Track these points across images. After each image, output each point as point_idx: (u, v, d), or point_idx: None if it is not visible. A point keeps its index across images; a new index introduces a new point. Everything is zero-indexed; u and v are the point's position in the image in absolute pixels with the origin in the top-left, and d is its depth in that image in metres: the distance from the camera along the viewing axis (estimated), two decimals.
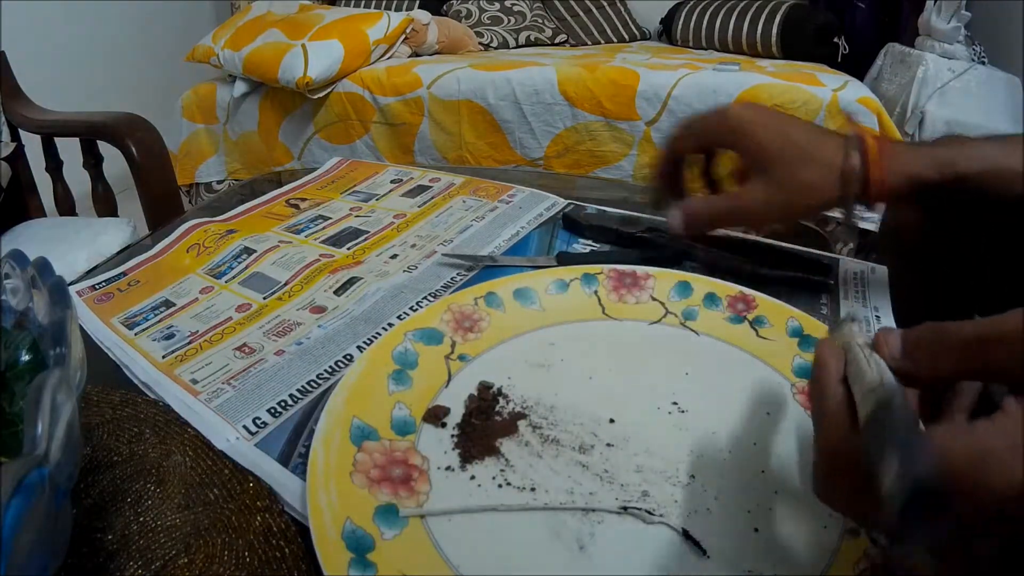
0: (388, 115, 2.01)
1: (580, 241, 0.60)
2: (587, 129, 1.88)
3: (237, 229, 0.64)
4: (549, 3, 2.80)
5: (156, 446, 0.38)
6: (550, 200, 0.68)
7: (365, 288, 0.53)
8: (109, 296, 0.55)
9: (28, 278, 0.31)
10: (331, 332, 0.48)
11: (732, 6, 2.49)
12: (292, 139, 2.14)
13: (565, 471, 0.35)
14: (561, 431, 0.37)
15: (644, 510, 0.32)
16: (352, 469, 0.34)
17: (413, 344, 0.43)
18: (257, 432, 0.39)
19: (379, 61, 2.15)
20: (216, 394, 0.42)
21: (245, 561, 0.31)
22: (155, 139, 1.31)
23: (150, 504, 0.34)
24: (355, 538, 0.30)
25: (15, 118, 1.40)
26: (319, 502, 0.32)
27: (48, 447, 0.22)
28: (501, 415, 0.39)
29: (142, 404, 0.41)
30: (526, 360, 0.43)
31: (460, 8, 2.69)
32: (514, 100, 1.90)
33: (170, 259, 0.61)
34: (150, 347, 0.48)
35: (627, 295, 0.48)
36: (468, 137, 1.96)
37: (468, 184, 0.73)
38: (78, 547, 0.32)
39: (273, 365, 0.44)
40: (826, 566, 0.29)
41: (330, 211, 0.69)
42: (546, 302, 0.48)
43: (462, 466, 0.36)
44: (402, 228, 0.64)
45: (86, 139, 1.36)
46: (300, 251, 0.60)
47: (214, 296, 0.54)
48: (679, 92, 1.79)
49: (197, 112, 2.21)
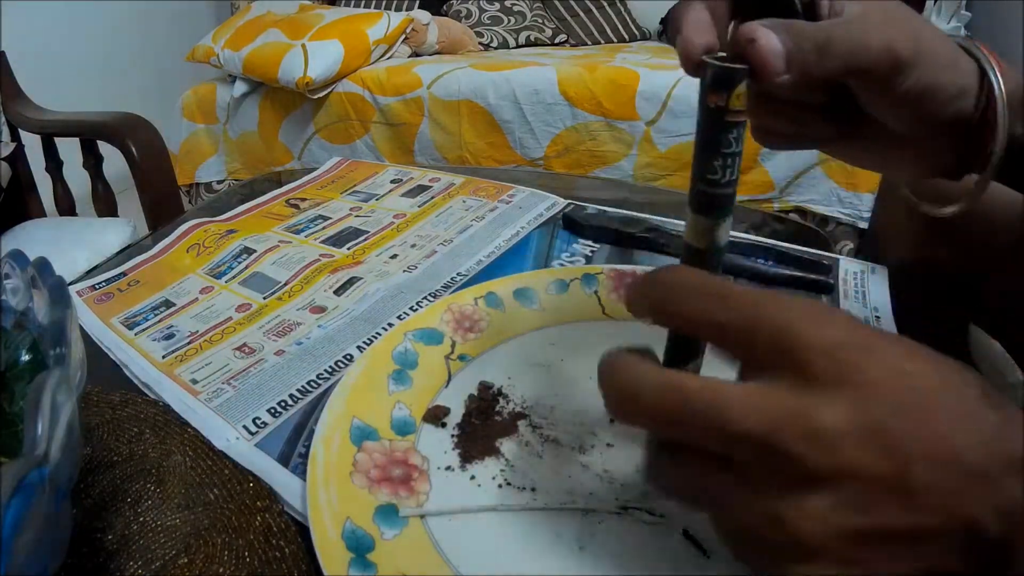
0: (388, 115, 2.01)
1: (580, 241, 0.60)
2: (587, 129, 1.88)
3: (237, 229, 0.64)
4: (549, 3, 2.80)
5: (156, 446, 0.38)
6: (550, 200, 0.68)
7: (365, 288, 0.53)
8: (109, 296, 0.55)
9: (28, 278, 0.31)
10: (331, 332, 0.48)
11: None
12: (292, 139, 2.14)
13: (565, 471, 0.35)
14: (561, 431, 0.37)
15: (644, 510, 0.32)
16: (352, 469, 0.34)
17: (413, 344, 0.43)
18: (257, 432, 0.39)
19: (379, 61, 2.15)
20: (216, 394, 0.42)
21: (245, 561, 0.31)
22: (155, 139, 1.31)
23: (150, 504, 0.34)
24: (355, 538, 0.30)
25: (15, 118, 1.40)
26: (319, 502, 0.32)
27: (48, 447, 0.22)
28: (501, 415, 0.39)
29: (142, 404, 0.41)
30: (526, 360, 0.43)
31: (460, 8, 2.69)
32: (514, 100, 1.90)
33: (170, 259, 0.61)
34: (150, 347, 0.48)
35: None
36: (468, 137, 1.96)
37: (468, 184, 0.73)
38: (78, 547, 0.32)
39: (273, 365, 0.44)
40: None
41: (330, 211, 0.69)
42: (546, 302, 0.48)
43: (462, 466, 0.36)
44: (402, 228, 0.64)
45: (86, 139, 1.36)
46: (300, 251, 0.60)
47: (214, 296, 0.54)
48: (679, 92, 1.78)
49: (197, 112, 2.21)
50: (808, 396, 0.21)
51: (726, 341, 0.24)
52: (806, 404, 0.21)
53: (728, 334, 0.23)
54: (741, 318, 0.23)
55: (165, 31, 2.91)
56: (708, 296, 0.23)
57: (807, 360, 0.21)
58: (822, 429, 0.20)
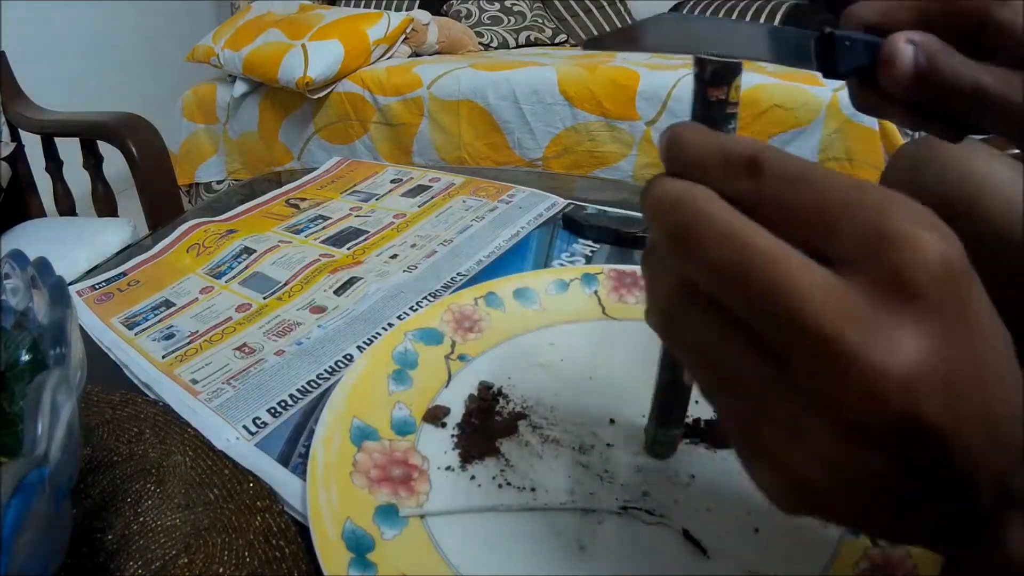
0: (388, 115, 2.01)
1: (580, 241, 0.60)
2: (587, 129, 1.88)
3: (237, 229, 0.64)
4: (549, 3, 2.80)
5: (156, 446, 0.38)
6: (550, 200, 0.68)
7: (365, 288, 0.53)
8: (109, 296, 0.55)
9: (28, 278, 0.31)
10: (331, 332, 0.48)
11: (732, 6, 2.49)
12: (292, 139, 2.14)
13: (565, 471, 0.35)
14: (561, 431, 0.37)
15: (644, 510, 0.32)
16: (352, 469, 0.34)
17: (413, 344, 0.43)
18: (257, 432, 0.39)
19: (379, 61, 2.15)
20: (216, 394, 0.42)
21: (245, 561, 0.31)
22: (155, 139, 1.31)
23: (150, 504, 0.34)
24: (355, 538, 0.30)
25: (15, 118, 1.40)
26: (319, 502, 0.32)
27: (48, 447, 0.22)
28: (501, 415, 0.39)
29: (142, 404, 0.41)
30: (526, 360, 0.43)
31: (460, 8, 2.69)
32: (514, 100, 1.90)
33: (170, 259, 0.61)
34: (150, 347, 0.48)
35: (627, 295, 0.48)
36: (467, 137, 1.96)
37: (468, 184, 0.73)
38: (78, 547, 0.32)
39: (273, 365, 0.44)
40: (826, 566, 0.29)
41: (330, 211, 0.69)
42: (546, 302, 0.48)
43: (462, 466, 0.36)
44: (402, 228, 0.64)
45: (86, 139, 1.36)
46: (300, 251, 0.60)
47: (214, 296, 0.54)
48: (679, 92, 1.78)
49: (197, 112, 2.21)
50: (898, 314, 0.17)
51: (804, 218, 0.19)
52: (896, 323, 0.17)
53: (810, 212, 0.19)
54: (832, 197, 0.18)
55: (165, 31, 2.90)
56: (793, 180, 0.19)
57: (911, 270, 0.17)
58: (900, 366, 0.17)
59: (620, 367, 0.42)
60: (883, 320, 0.17)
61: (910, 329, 0.17)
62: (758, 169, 0.20)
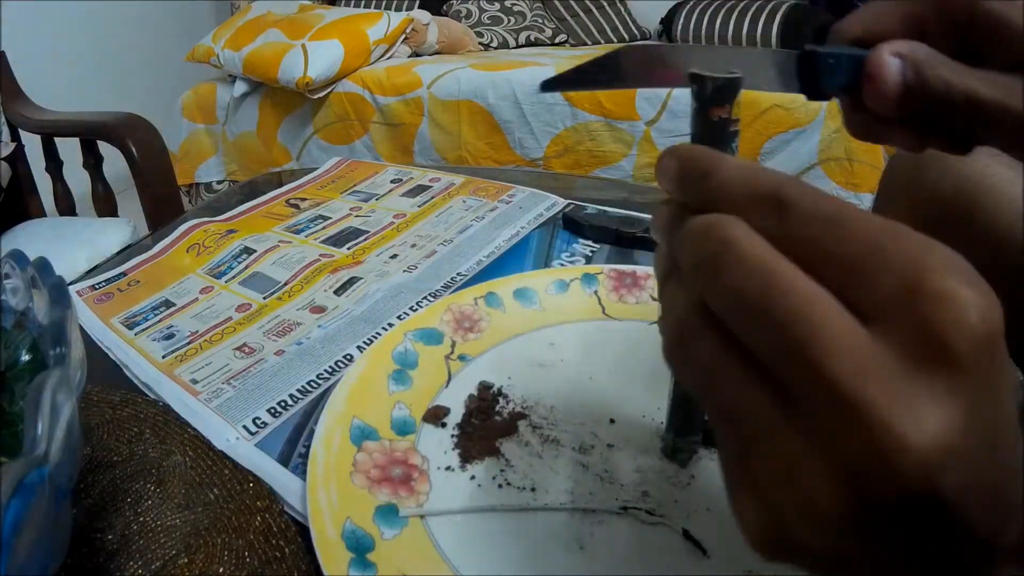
0: (388, 115, 2.01)
1: (580, 241, 0.60)
2: (587, 129, 1.88)
3: (237, 229, 0.64)
4: (549, 3, 2.81)
5: (156, 446, 0.38)
6: (550, 200, 0.68)
7: (365, 288, 0.53)
8: (109, 296, 0.55)
9: (28, 278, 0.31)
10: (331, 332, 0.48)
11: (732, 6, 2.49)
12: (291, 139, 2.14)
13: (565, 471, 0.35)
14: (561, 431, 0.37)
15: (644, 510, 0.32)
16: (352, 469, 0.34)
17: (413, 344, 0.43)
18: (257, 432, 0.39)
19: (379, 61, 2.15)
20: (216, 394, 0.42)
21: (245, 561, 0.31)
22: (155, 139, 1.31)
23: (150, 504, 0.34)
24: (355, 538, 0.30)
25: (15, 118, 1.40)
26: (319, 502, 0.32)
27: (48, 447, 0.22)
28: (501, 415, 0.39)
29: (142, 404, 0.41)
30: (526, 360, 0.43)
31: (460, 8, 2.69)
32: (514, 100, 1.90)
33: (170, 259, 0.61)
34: (150, 347, 0.48)
35: (627, 295, 0.48)
36: (467, 137, 1.96)
37: (468, 184, 0.73)
38: (78, 547, 0.32)
39: (273, 365, 0.44)
40: None
41: (330, 211, 0.69)
42: (546, 302, 0.48)
43: (462, 466, 0.36)
44: (402, 228, 0.64)
45: (86, 139, 1.36)
46: (300, 251, 0.60)
47: (214, 296, 0.54)
48: (679, 92, 1.78)
49: (197, 112, 2.21)
50: (929, 381, 0.16)
51: (834, 263, 0.17)
52: (926, 391, 0.16)
53: (842, 258, 0.17)
54: (865, 242, 0.17)
55: (165, 31, 2.91)
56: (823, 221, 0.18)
57: (950, 333, 0.16)
58: (925, 442, 0.16)
59: (620, 367, 0.42)
60: (913, 387, 0.16)
61: (941, 399, 0.16)
62: (784, 206, 0.18)
